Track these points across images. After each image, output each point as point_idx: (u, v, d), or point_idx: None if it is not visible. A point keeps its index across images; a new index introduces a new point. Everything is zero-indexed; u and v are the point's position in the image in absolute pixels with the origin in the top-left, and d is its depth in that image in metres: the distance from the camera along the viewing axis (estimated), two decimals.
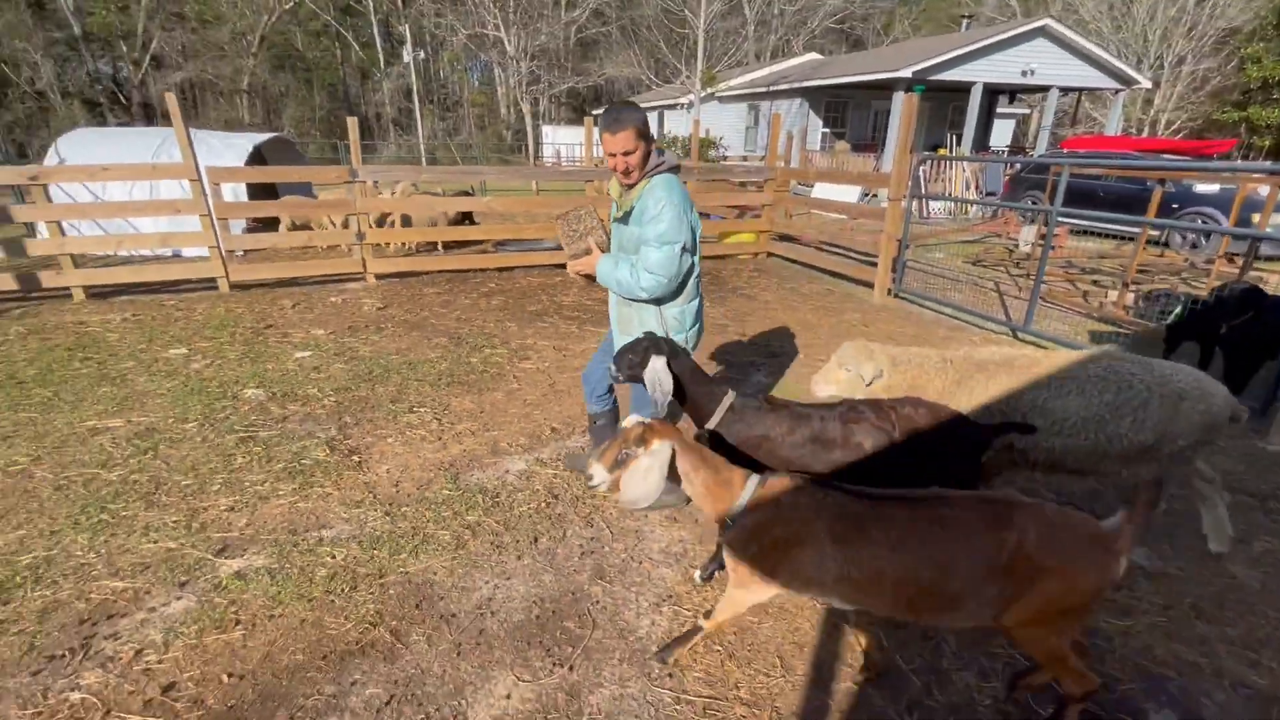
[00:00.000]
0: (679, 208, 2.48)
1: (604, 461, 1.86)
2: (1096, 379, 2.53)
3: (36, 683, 2.06)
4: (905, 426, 2.22)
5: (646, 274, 2.51)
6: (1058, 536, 1.60)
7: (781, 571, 1.82)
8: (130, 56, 36.04)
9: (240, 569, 2.59)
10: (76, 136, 9.67)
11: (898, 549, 1.67)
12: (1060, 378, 2.58)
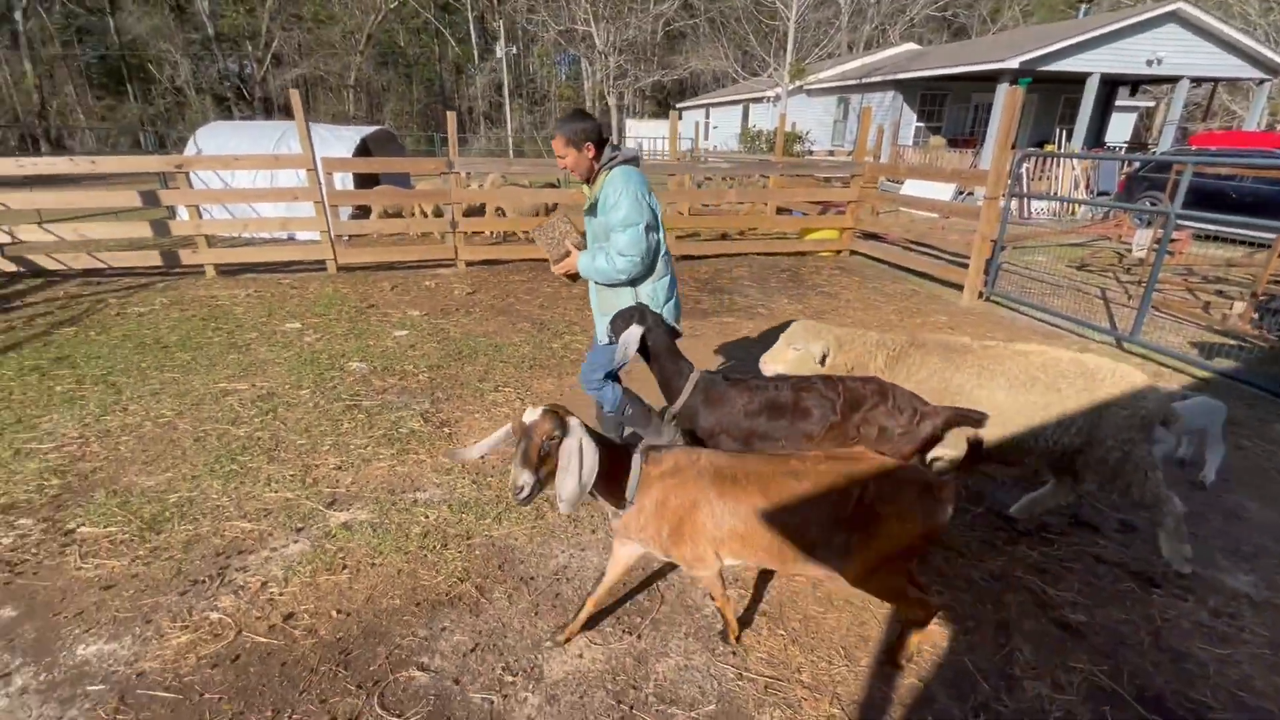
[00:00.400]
0: (634, 192, 2.73)
1: (527, 464, 1.70)
2: (1028, 377, 2.56)
3: (183, 602, 2.40)
4: (850, 398, 2.38)
5: (619, 256, 2.76)
6: (894, 488, 1.83)
7: (700, 540, 1.92)
8: (254, 55, 39.25)
9: (347, 521, 2.89)
10: (211, 129, 10.73)
11: (767, 498, 1.86)
12: (988, 370, 2.62)
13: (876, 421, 2.34)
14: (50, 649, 2.19)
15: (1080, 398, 2.49)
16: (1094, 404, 2.46)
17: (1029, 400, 2.53)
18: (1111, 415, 2.46)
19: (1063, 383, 2.53)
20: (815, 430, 2.41)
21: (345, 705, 1.98)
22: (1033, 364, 2.60)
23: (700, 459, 1.95)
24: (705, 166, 10.37)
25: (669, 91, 42.78)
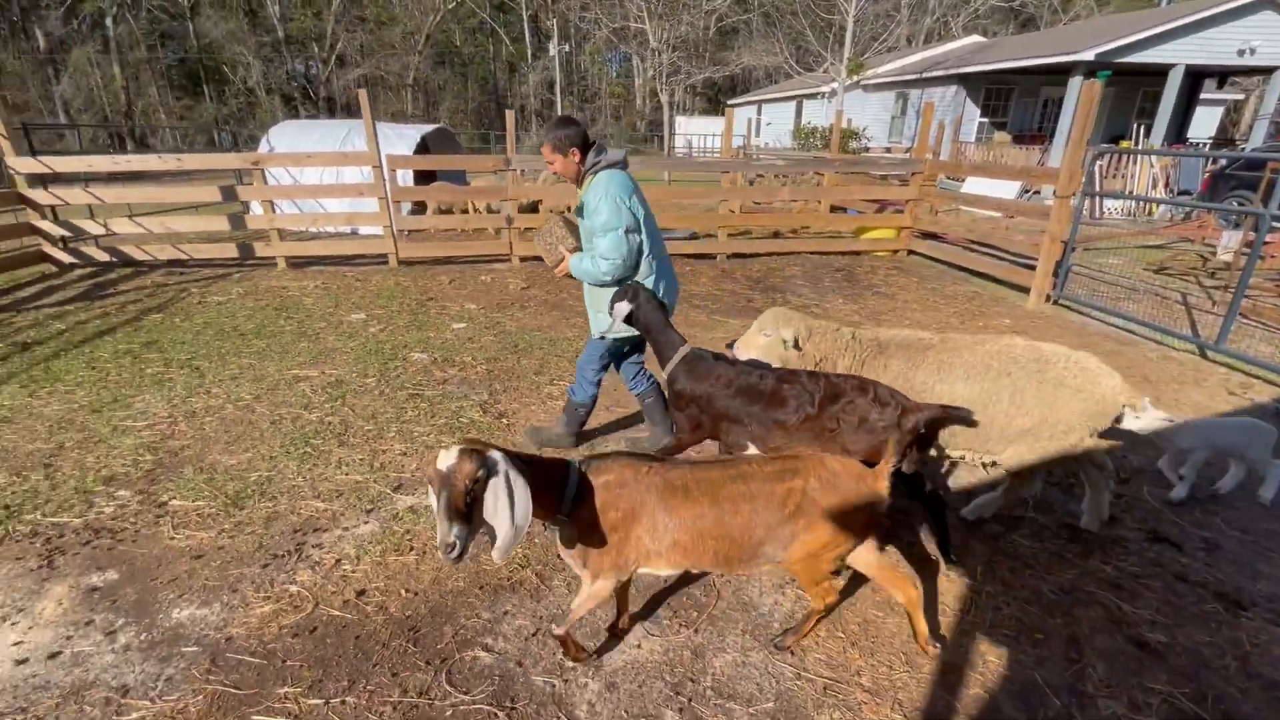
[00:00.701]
0: (614, 197, 2.82)
1: (454, 516, 1.49)
2: (982, 365, 2.61)
3: (265, 574, 2.55)
4: (830, 391, 2.40)
5: (602, 260, 2.89)
6: (834, 480, 1.89)
7: (628, 550, 1.85)
8: (320, 56, 40.87)
9: (413, 505, 3.00)
10: (282, 128, 11.24)
11: (714, 506, 1.83)
12: (947, 363, 2.67)
13: (856, 413, 2.34)
14: (149, 611, 2.36)
15: (1031, 382, 2.54)
16: (1044, 387, 2.52)
17: (983, 388, 2.59)
18: (1064, 398, 2.51)
19: (1014, 368, 2.58)
20: (790, 420, 2.42)
21: (415, 680, 2.07)
22: (988, 352, 2.66)
23: (647, 471, 1.85)
24: (761, 164, 10.26)
25: (720, 88, 42.47)
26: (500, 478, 1.56)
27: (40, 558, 2.63)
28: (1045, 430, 2.54)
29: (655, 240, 3.06)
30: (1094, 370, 2.54)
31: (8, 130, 6.90)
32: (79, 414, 3.91)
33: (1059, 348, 2.64)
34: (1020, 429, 2.57)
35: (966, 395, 2.59)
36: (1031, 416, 2.54)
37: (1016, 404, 2.54)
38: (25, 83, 32.88)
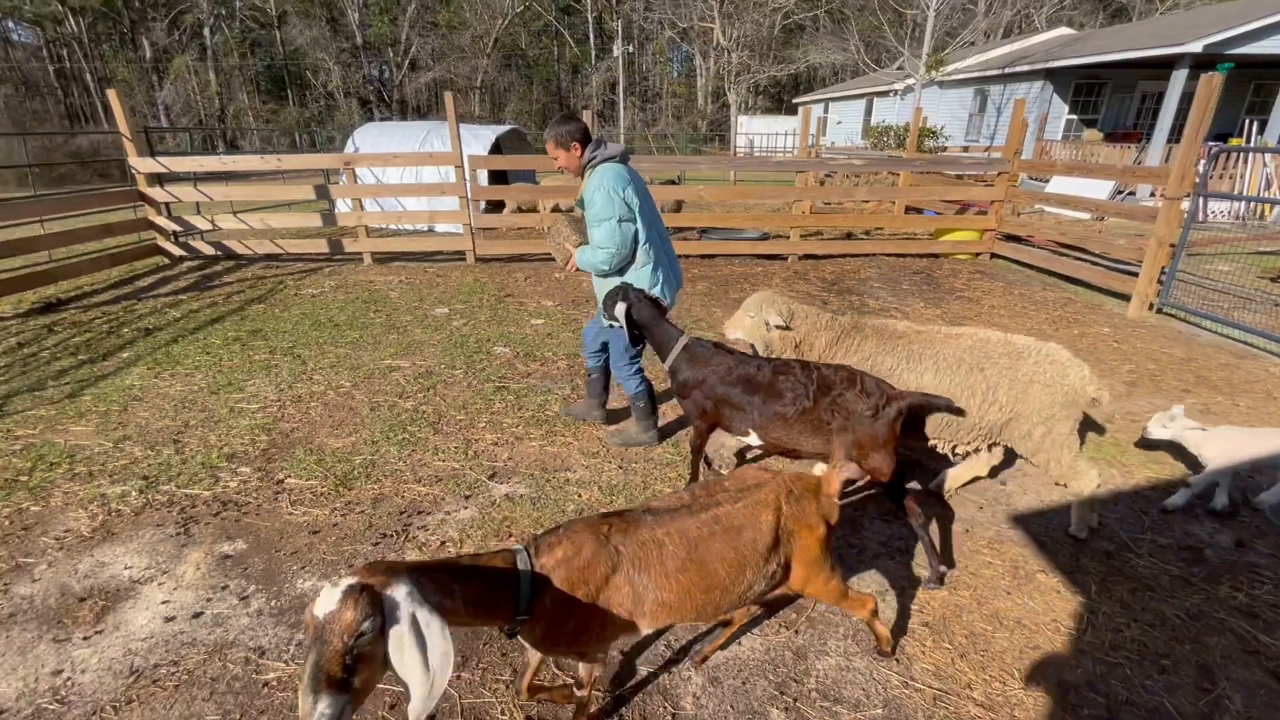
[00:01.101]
0: (608, 189, 2.92)
1: (323, 684, 1.07)
2: (955, 359, 2.66)
3: (376, 552, 2.70)
4: (822, 383, 2.47)
5: (599, 249, 3.01)
6: (799, 499, 1.81)
7: (607, 628, 1.58)
8: (394, 60, 42.59)
9: (508, 493, 3.11)
10: (366, 130, 11.79)
11: (694, 556, 1.65)
12: (918, 353, 2.72)
13: (845, 404, 2.42)
14: (276, 579, 2.53)
15: (1004, 376, 2.60)
16: (1017, 381, 2.58)
17: (955, 381, 2.65)
18: (1035, 392, 2.57)
19: (987, 363, 2.64)
20: (789, 412, 2.50)
21: (521, 660, 2.14)
22: (961, 346, 2.70)
23: (610, 531, 1.58)
24: (837, 164, 10.04)
25: (783, 87, 41.82)
26: (402, 625, 1.15)
27: (178, 525, 2.87)
28: (1019, 423, 2.62)
29: (655, 231, 3.15)
30: (1064, 363, 2.60)
31: (132, 133, 7.50)
32: (199, 395, 4.22)
33: (1031, 341, 2.70)
34: (992, 423, 2.66)
35: (938, 386, 2.67)
36: (1005, 411, 2.62)
37: (991, 399, 2.62)
38: (133, 89, 35.60)
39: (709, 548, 1.66)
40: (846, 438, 2.32)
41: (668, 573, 1.61)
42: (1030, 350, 2.64)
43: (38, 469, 3.33)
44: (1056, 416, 2.57)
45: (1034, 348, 2.65)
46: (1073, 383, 2.56)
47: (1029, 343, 2.68)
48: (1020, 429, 2.63)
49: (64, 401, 4.13)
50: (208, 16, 37.47)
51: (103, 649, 2.20)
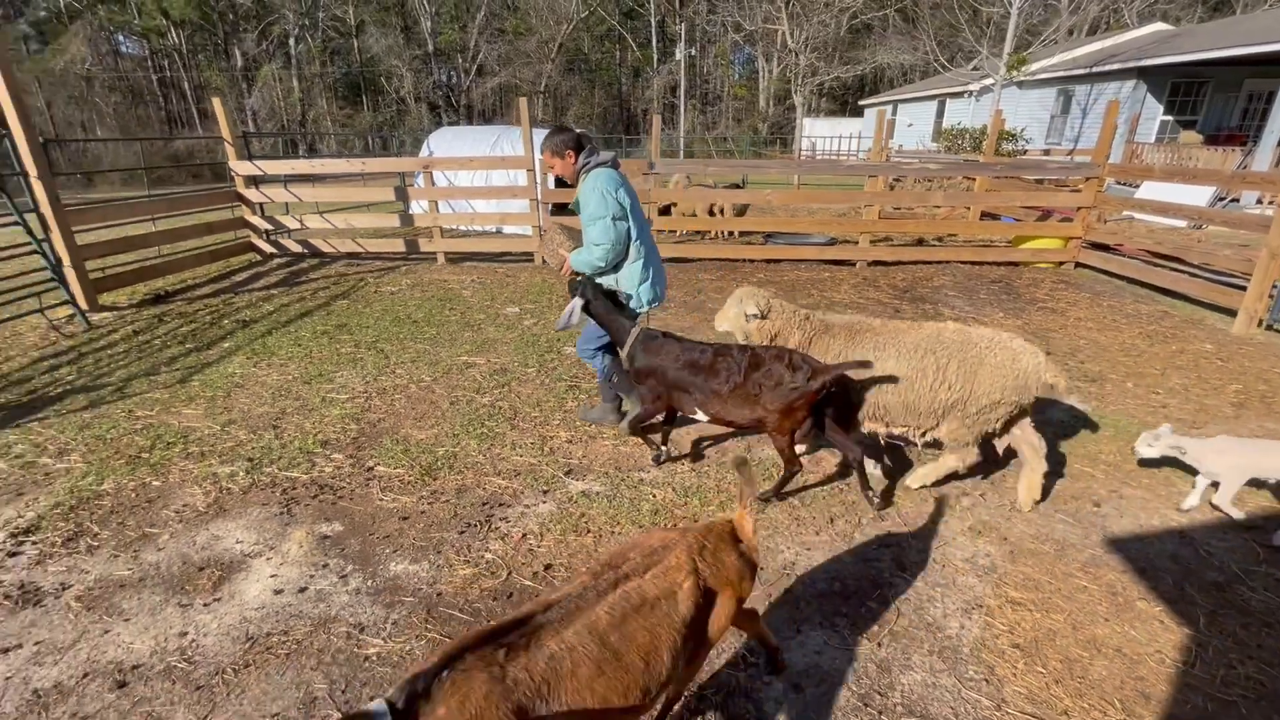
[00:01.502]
0: (600, 190, 3.13)
1: None
2: (915, 346, 2.88)
3: (462, 540, 2.81)
4: (752, 361, 2.81)
5: (594, 246, 3.22)
6: (715, 553, 1.68)
7: None
8: (463, 66, 44.00)
9: (584, 489, 3.18)
10: (440, 134, 12.22)
11: (608, 652, 1.40)
12: (881, 345, 2.94)
13: (774, 375, 2.74)
14: (371, 561, 2.68)
15: (958, 360, 2.82)
16: (966, 361, 2.80)
17: (912, 364, 2.87)
18: (985, 373, 2.78)
19: (940, 349, 2.85)
20: (724, 388, 2.85)
21: None
22: (923, 336, 2.93)
23: (501, 654, 1.28)
24: (915, 168, 9.75)
25: (849, 88, 40.91)
26: None
27: (281, 505, 3.07)
28: (972, 403, 2.82)
29: (643, 231, 3.36)
30: (1016, 350, 2.79)
31: (232, 138, 8.06)
32: (293, 384, 4.50)
33: (986, 330, 2.91)
34: (945, 402, 2.86)
35: (898, 370, 2.89)
36: (955, 390, 2.82)
37: (941, 379, 2.82)
38: (225, 96, 38.11)
39: (623, 636, 1.43)
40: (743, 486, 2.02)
41: (581, 685, 1.34)
42: (983, 338, 2.86)
43: (156, 447, 3.63)
44: (1004, 401, 2.78)
45: (987, 336, 2.87)
46: (1024, 367, 2.74)
47: (985, 332, 2.90)
48: (967, 408, 2.85)
49: (176, 386, 4.48)
50: (293, 27, 39.70)
51: (221, 615, 2.39)
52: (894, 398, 2.92)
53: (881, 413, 3.01)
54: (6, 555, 2.73)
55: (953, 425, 2.92)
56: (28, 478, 3.34)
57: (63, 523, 2.95)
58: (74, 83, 33.02)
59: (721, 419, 2.97)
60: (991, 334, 2.87)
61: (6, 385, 4.52)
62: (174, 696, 2.04)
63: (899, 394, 2.90)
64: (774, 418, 2.77)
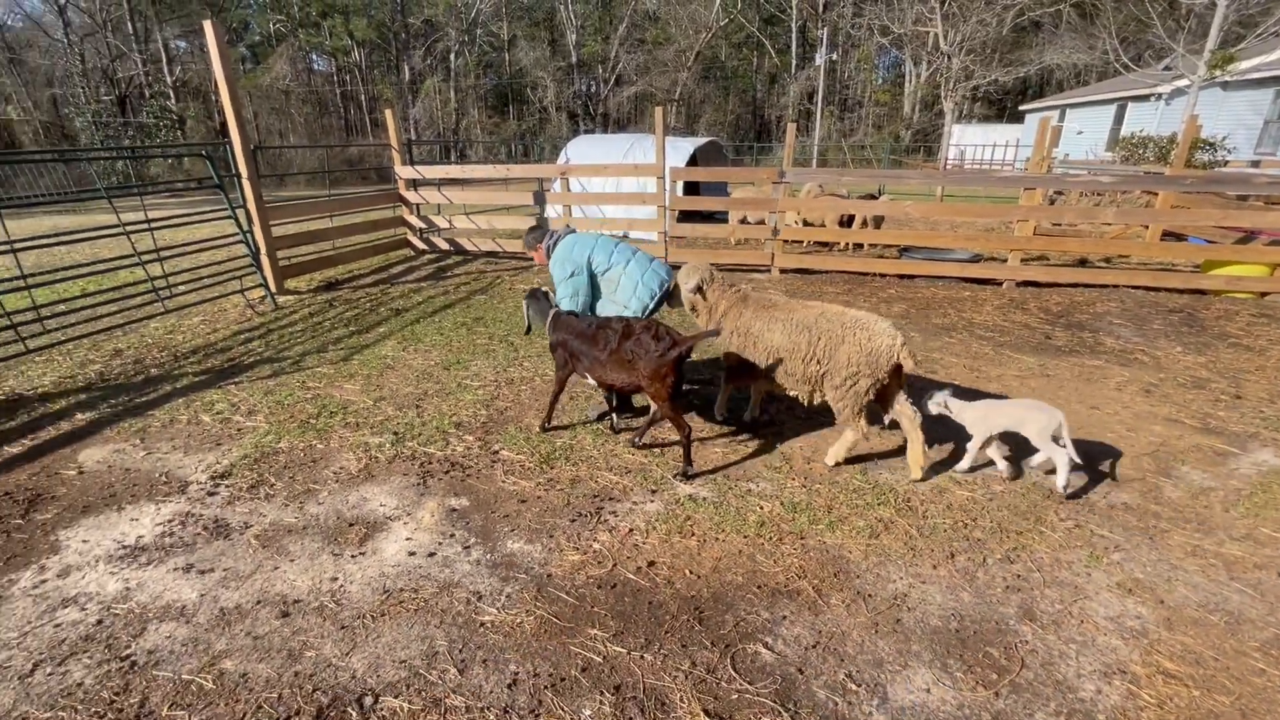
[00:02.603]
0: (560, 259, 4.00)
1: None
2: (798, 323, 3.28)
3: (573, 528, 2.96)
4: (625, 332, 3.32)
5: (565, 300, 4.01)
6: None
7: None
8: (602, 76, 45.79)
9: (691, 493, 3.23)
10: (577, 142, 12.84)
11: None
12: (777, 318, 3.36)
13: (644, 345, 3.23)
14: (491, 536, 2.91)
15: (826, 337, 3.21)
16: (833, 339, 3.20)
17: (792, 338, 3.30)
18: (843, 351, 3.16)
19: (815, 326, 3.25)
20: (603, 355, 3.38)
21: (702, 656, 2.23)
22: (810, 315, 3.31)
23: None
24: (1083, 180, 8.76)
25: (1008, 92, 37.58)
26: None
27: (418, 477, 3.41)
28: (836, 374, 3.21)
29: (617, 255, 3.99)
30: (876, 331, 3.13)
31: (399, 145, 9.00)
32: (435, 369, 4.96)
33: (861, 313, 3.25)
34: (811, 374, 3.29)
35: (781, 342, 3.34)
36: (821, 364, 3.25)
37: (811, 353, 3.25)
38: (394, 106, 42.55)
39: None
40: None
41: None
42: (853, 319, 3.20)
43: (321, 415, 4.16)
44: (860, 373, 3.13)
45: (858, 318, 3.21)
46: (877, 346, 3.09)
47: (859, 314, 3.24)
48: (833, 380, 3.23)
49: (339, 363, 5.11)
50: (454, 43, 43.43)
51: (364, 567, 2.70)
52: (779, 365, 3.40)
53: (771, 377, 3.48)
54: (207, 494, 3.27)
55: (830, 395, 3.30)
56: (224, 431, 3.97)
57: (248, 471, 3.48)
58: (275, 96, 38.36)
59: (605, 382, 3.49)
60: (861, 316, 3.22)
61: (214, 352, 5.39)
62: (324, 631, 2.35)
63: (784, 363, 3.37)
64: (646, 381, 3.24)
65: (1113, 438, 3.78)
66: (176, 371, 4.96)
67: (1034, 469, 3.45)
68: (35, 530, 2.99)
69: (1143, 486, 3.29)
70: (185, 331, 5.97)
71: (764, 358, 3.42)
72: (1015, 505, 3.11)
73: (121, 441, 3.84)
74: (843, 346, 3.16)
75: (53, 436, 3.92)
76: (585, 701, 2.05)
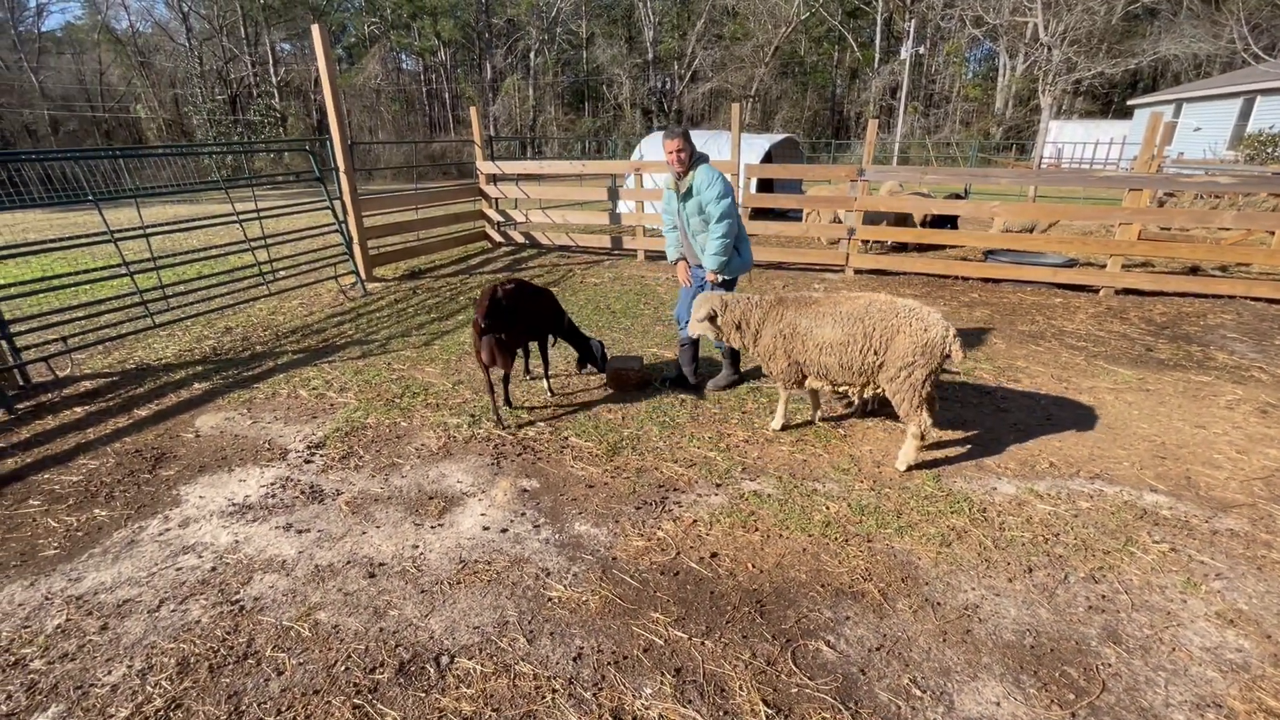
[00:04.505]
0: (718, 181, 3.88)
1: None
2: (847, 315, 3.31)
3: (638, 515, 3.04)
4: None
5: (721, 224, 3.89)
6: None
7: None
8: (678, 73, 45.73)
9: (756, 489, 3.23)
10: (652, 139, 12.93)
11: None
12: (824, 313, 3.38)
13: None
14: (559, 518, 3.02)
15: (879, 327, 3.20)
16: (888, 330, 3.18)
17: (845, 329, 3.29)
18: (900, 341, 3.15)
19: (867, 317, 3.24)
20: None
21: (763, 648, 2.24)
22: (857, 306, 3.31)
23: None
24: (1198, 181, 8.01)
25: (1114, 85, 34.88)
26: None
27: (492, 457, 3.58)
28: (892, 364, 3.20)
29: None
30: (930, 321, 3.15)
31: (481, 141, 9.36)
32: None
33: (911, 302, 3.26)
34: (869, 365, 3.27)
35: (832, 336, 3.32)
36: (879, 354, 3.23)
37: (867, 343, 3.24)
38: (477, 104, 44.08)
39: None
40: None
41: None
42: (906, 308, 3.21)
43: (405, 395, 4.42)
44: (916, 363, 3.14)
45: (910, 307, 3.22)
46: (932, 337, 3.11)
47: (908, 303, 3.25)
48: (889, 371, 3.22)
49: (421, 348, 5.39)
50: (535, 42, 44.50)
51: (442, 538, 2.87)
52: (832, 358, 3.34)
53: (824, 372, 3.44)
54: (304, 462, 3.56)
55: (887, 388, 3.28)
56: (319, 405, 4.28)
57: (340, 443, 3.75)
58: (367, 94, 40.51)
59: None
60: (912, 305, 3.23)
61: (310, 333, 5.81)
62: (405, 594, 2.52)
63: (834, 357, 3.33)
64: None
65: (1220, 459, 3.50)
66: (278, 349, 5.38)
67: None
68: (161, 484, 3.34)
69: (1252, 513, 3.03)
70: (285, 313, 6.46)
71: (816, 354, 3.38)
72: (1102, 523, 2.95)
73: (231, 410, 4.22)
74: (899, 336, 3.16)
75: (174, 403, 4.35)
76: (646, 680, 2.12)
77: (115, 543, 2.87)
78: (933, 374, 3.16)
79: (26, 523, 3.03)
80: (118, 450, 3.71)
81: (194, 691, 2.08)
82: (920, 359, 3.13)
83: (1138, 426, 3.88)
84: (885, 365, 3.23)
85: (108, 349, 5.42)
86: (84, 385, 4.65)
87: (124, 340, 5.59)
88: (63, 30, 43.63)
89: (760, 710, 2.00)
